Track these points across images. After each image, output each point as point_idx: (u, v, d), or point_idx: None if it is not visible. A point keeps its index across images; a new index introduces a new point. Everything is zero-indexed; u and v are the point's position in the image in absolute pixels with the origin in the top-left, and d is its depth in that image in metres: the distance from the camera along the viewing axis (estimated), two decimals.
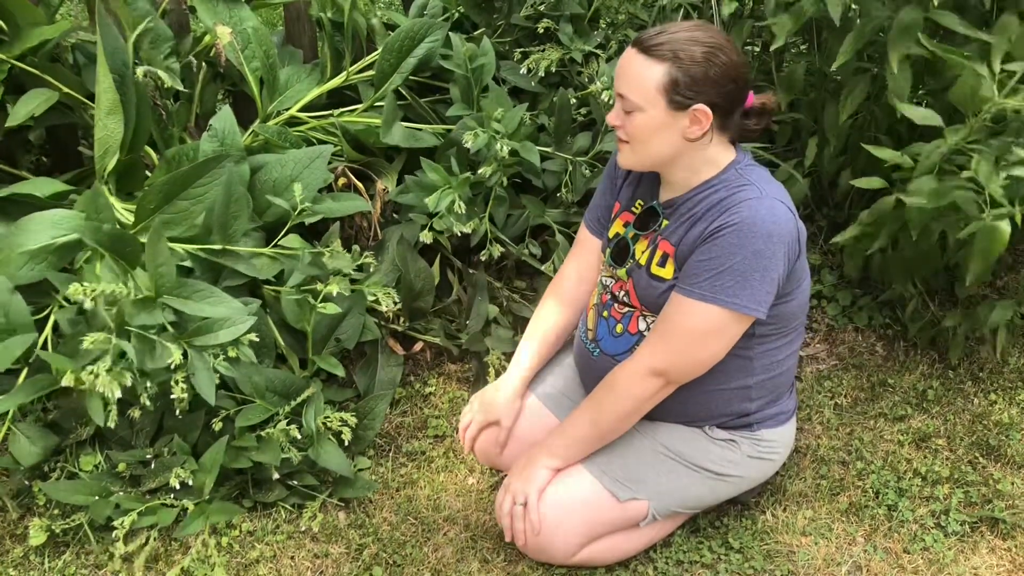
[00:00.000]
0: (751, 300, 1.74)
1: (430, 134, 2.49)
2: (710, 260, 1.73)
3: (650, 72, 1.71)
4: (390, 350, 2.40)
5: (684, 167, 1.82)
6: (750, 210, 1.72)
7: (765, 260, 1.72)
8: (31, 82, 2.20)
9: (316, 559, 2.00)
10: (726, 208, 1.74)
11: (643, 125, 1.75)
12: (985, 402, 2.39)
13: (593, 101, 2.54)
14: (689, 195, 1.83)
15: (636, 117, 1.75)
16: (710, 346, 1.79)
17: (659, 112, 1.73)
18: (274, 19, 4.04)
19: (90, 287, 1.83)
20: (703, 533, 2.06)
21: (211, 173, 2.06)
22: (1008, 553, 2.02)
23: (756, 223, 1.71)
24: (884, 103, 2.38)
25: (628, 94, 1.74)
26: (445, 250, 2.51)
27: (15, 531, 2.03)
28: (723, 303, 1.73)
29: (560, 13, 2.63)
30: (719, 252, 1.72)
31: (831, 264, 2.70)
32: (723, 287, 1.72)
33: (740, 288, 1.72)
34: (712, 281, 1.73)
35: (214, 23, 2.37)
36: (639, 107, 1.73)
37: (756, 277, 1.72)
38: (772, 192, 1.76)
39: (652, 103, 1.72)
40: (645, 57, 1.72)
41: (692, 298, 1.75)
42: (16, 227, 2.01)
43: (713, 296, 1.73)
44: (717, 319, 1.75)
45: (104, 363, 1.80)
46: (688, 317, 1.76)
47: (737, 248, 1.71)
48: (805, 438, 2.30)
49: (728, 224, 1.72)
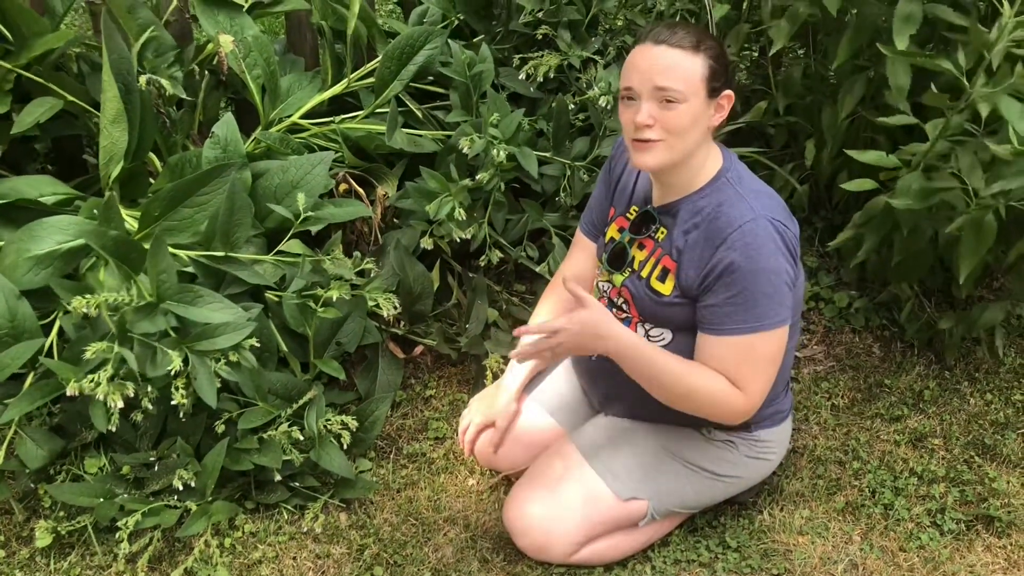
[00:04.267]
0: (782, 310, 1.80)
1: (430, 140, 2.52)
2: (739, 295, 1.77)
3: (692, 64, 1.75)
4: (391, 353, 2.43)
5: (690, 165, 1.84)
6: (749, 236, 1.76)
7: (777, 274, 1.77)
8: (36, 91, 2.24)
9: (318, 559, 2.02)
10: (724, 235, 1.77)
11: (686, 116, 1.76)
12: (981, 402, 2.41)
13: (591, 106, 2.57)
14: (684, 202, 1.86)
15: (679, 109, 1.75)
16: (780, 361, 1.86)
17: (700, 102, 1.77)
18: (276, 27, 4.07)
19: (92, 299, 1.86)
20: (701, 532, 2.08)
21: (215, 181, 2.09)
22: (1003, 551, 2.04)
23: (758, 247, 1.75)
24: (881, 104, 2.41)
25: (674, 85, 1.74)
26: (445, 255, 2.54)
27: (21, 533, 2.06)
28: (770, 326, 1.79)
29: (558, 20, 2.66)
30: (743, 286, 1.76)
31: (828, 266, 2.72)
32: (764, 312, 1.78)
33: (775, 305, 1.78)
34: (752, 311, 1.78)
35: (216, 32, 2.40)
36: (684, 98, 1.75)
37: (777, 290, 1.78)
38: (763, 209, 1.79)
39: (696, 93, 1.76)
40: (680, 51, 1.75)
41: (746, 334, 1.79)
42: (22, 232, 2.04)
43: (761, 324, 1.78)
44: (775, 338, 1.81)
45: (106, 371, 1.83)
46: (757, 349, 1.80)
47: (753, 275, 1.76)
48: (802, 438, 2.32)
49: (731, 259, 1.76)
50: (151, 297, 1.91)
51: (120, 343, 1.89)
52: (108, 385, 1.85)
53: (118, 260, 1.95)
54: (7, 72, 2.18)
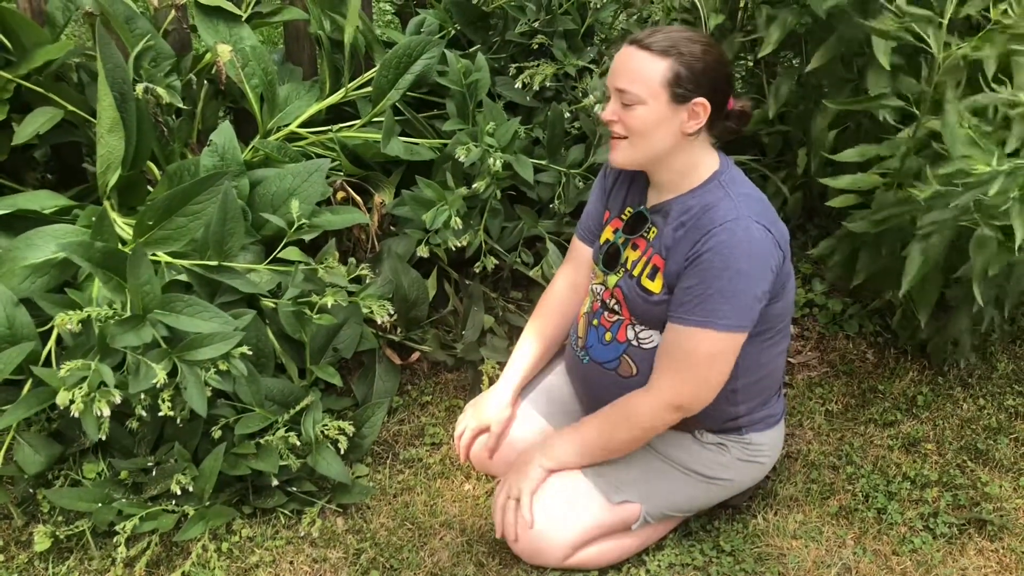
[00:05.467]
0: (742, 318, 1.79)
1: (427, 148, 2.54)
2: (696, 286, 1.78)
3: (654, 67, 1.77)
4: (387, 360, 2.44)
5: (673, 167, 1.86)
6: (727, 233, 1.77)
7: (748, 278, 1.77)
8: (36, 101, 2.26)
9: (315, 564, 2.03)
10: (706, 230, 1.79)
11: (645, 118, 1.79)
12: (974, 407, 2.42)
13: (585, 115, 2.59)
14: (675, 201, 1.88)
15: (637, 111, 1.79)
16: (718, 368, 1.85)
17: (661, 106, 1.78)
18: (275, 37, 4.10)
19: (75, 315, 1.88)
20: (695, 536, 2.10)
21: (209, 190, 2.09)
22: (995, 554, 2.05)
23: (734, 245, 1.76)
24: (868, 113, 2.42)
25: (630, 88, 1.78)
26: (441, 262, 2.56)
27: (20, 537, 2.07)
28: (716, 326, 1.78)
29: (554, 29, 2.69)
30: (703, 277, 1.78)
31: (821, 273, 2.74)
32: (714, 310, 1.78)
33: (730, 308, 1.78)
34: (703, 306, 1.78)
35: (215, 42, 2.43)
36: (641, 100, 1.78)
37: (742, 295, 1.77)
38: (749, 211, 1.80)
39: (655, 96, 1.78)
40: (647, 53, 1.78)
41: (689, 326, 1.80)
42: (19, 241, 2.06)
43: (707, 320, 1.78)
44: (717, 342, 1.80)
45: (81, 390, 1.84)
46: (691, 346, 1.81)
47: (720, 271, 1.76)
48: (796, 443, 2.33)
49: (707, 249, 1.77)
50: (136, 309, 1.92)
51: (102, 358, 1.91)
52: (93, 394, 1.85)
53: (107, 271, 1.96)
54: (7, 82, 2.20)
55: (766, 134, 2.75)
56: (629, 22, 2.92)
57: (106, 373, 1.88)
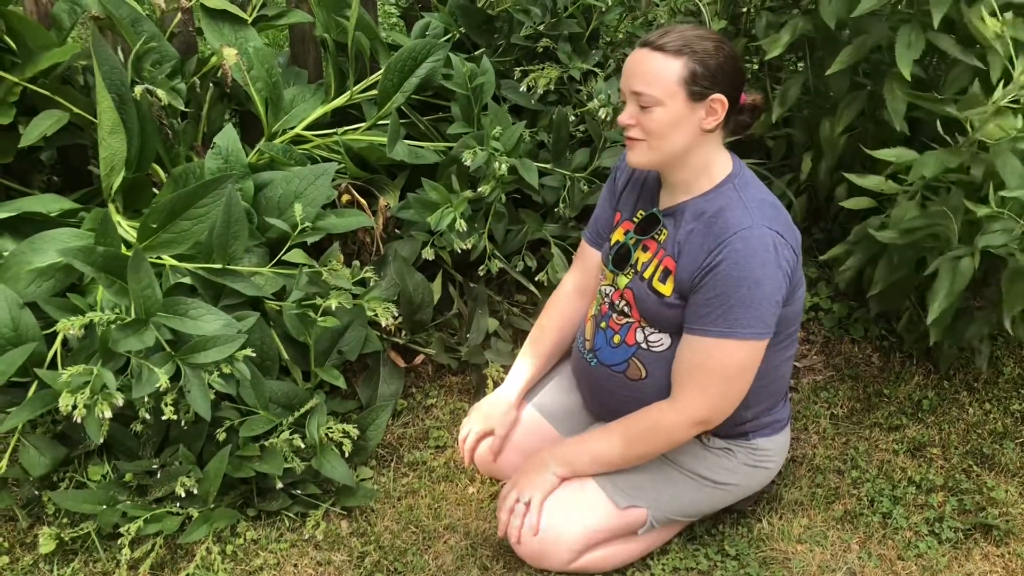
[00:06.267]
0: (764, 325, 1.80)
1: (432, 151, 2.54)
2: (716, 297, 1.78)
3: (669, 67, 1.77)
4: (392, 363, 2.44)
5: (689, 165, 1.86)
6: (742, 242, 1.77)
7: (765, 286, 1.77)
8: (42, 103, 2.26)
9: (319, 566, 2.03)
10: (721, 239, 1.78)
11: (663, 119, 1.79)
12: (980, 412, 2.42)
13: (590, 118, 2.59)
14: (688, 204, 1.88)
15: (655, 112, 1.79)
16: (742, 379, 1.85)
17: (679, 105, 1.78)
18: (280, 40, 4.11)
19: (77, 320, 1.89)
20: (700, 540, 2.09)
21: (213, 193, 2.09)
22: (1001, 559, 2.04)
23: (749, 254, 1.76)
24: (878, 119, 2.42)
25: (647, 90, 1.78)
26: (446, 265, 2.56)
27: (25, 539, 2.07)
28: (740, 335, 1.78)
29: (559, 33, 2.69)
30: (722, 289, 1.77)
31: (827, 277, 2.74)
32: (737, 320, 1.77)
33: (752, 317, 1.78)
34: (725, 317, 1.78)
35: (220, 45, 2.43)
36: (659, 102, 1.78)
37: (761, 303, 1.78)
38: (762, 217, 1.80)
39: (672, 96, 1.78)
40: (661, 54, 1.78)
41: (711, 337, 1.80)
42: (25, 245, 2.06)
43: (731, 331, 1.78)
44: (742, 352, 1.80)
45: (84, 394, 1.84)
46: (715, 357, 1.81)
47: (738, 281, 1.76)
48: (801, 448, 2.33)
49: (722, 259, 1.77)
50: (137, 313, 1.92)
51: (104, 362, 1.91)
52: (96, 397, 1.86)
53: (110, 276, 1.96)
54: (13, 85, 2.20)
55: (771, 137, 2.75)
56: (634, 25, 2.92)
57: (107, 377, 1.88)
